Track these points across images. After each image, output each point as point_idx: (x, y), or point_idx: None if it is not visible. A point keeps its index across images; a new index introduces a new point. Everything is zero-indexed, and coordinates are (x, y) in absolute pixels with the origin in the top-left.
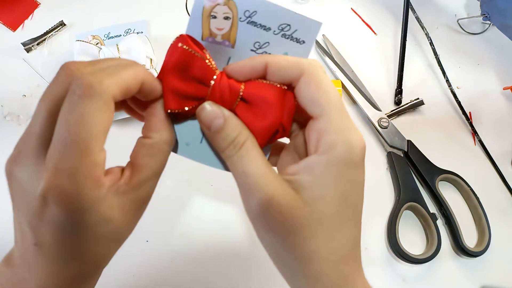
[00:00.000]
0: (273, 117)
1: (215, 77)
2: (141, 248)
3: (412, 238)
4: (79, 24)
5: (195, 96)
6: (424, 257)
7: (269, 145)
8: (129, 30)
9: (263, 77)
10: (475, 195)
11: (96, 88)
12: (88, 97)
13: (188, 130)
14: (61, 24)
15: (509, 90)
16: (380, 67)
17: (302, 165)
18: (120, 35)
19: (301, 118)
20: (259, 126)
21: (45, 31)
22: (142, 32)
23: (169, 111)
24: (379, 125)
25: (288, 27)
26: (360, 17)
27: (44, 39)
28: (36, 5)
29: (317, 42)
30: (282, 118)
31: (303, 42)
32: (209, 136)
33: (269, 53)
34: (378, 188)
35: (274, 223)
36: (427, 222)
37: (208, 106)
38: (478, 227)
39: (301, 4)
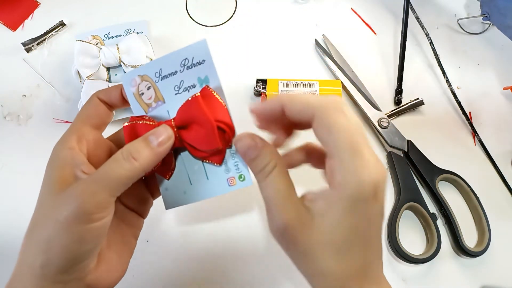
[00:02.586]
0: (206, 122)
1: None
2: (141, 248)
3: (412, 238)
4: (79, 24)
5: None
6: (424, 257)
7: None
8: (129, 30)
9: (283, 115)
10: (475, 195)
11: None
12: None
13: (178, 181)
14: (61, 24)
15: (509, 90)
16: (380, 67)
17: (319, 194)
18: (120, 35)
19: (302, 127)
20: (203, 137)
21: (45, 31)
22: (142, 32)
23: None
24: (379, 125)
25: (186, 60)
26: (360, 17)
27: (44, 39)
28: (36, 5)
29: (317, 42)
30: (216, 118)
31: (203, 61)
32: (246, 162)
33: (188, 86)
34: None
35: (289, 244)
36: (427, 222)
37: (243, 138)
38: (478, 227)
39: (301, 4)
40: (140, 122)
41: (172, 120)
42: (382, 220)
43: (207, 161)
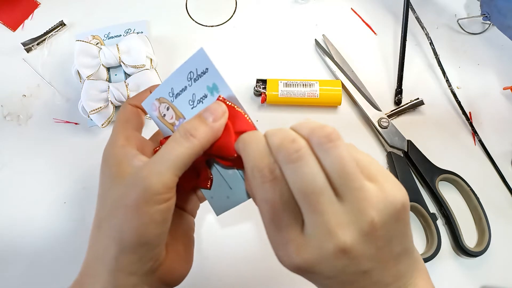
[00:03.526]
0: (225, 133)
1: None
2: None
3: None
4: (79, 24)
5: (194, 163)
6: (424, 257)
7: None
8: (129, 30)
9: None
10: (475, 195)
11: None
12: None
13: (219, 188)
14: (61, 24)
15: (509, 90)
16: (380, 67)
17: None
18: (120, 35)
19: None
20: (222, 146)
21: (45, 31)
22: (142, 32)
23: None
24: (379, 125)
25: (191, 73)
26: (360, 17)
27: (44, 39)
28: (36, 5)
29: (317, 42)
30: (234, 127)
31: (207, 69)
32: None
33: (200, 97)
34: None
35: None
36: (427, 222)
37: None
38: (478, 227)
39: (301, 4)
40: None
41: None
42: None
43: (235, 167)
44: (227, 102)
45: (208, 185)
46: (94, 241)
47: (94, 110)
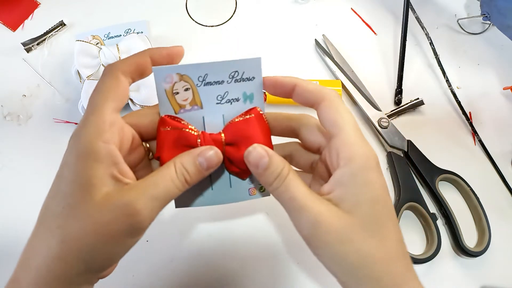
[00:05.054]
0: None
1: (199, 139)
2: (141, 248)
3: (412, 238)
4: (79, 24)
5: None
6: (424, 257)
7: None
8: (129, 30)
9: (290, 95)
10: (475, 195)
11: (108, 68)
12: (103, 76)
13: (198, 184)
14: (61, 24)
15: (509, 90)
16: (380, 67)
17: (332, 182)
18: (120, 35)
19: (312, 150)
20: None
21: (45, 31)
22: (142, 32)
23: None
24: (379, 125)
25: (236, 73)
26: (360, 17)
27: (44, 39)
28: (36, 5)
29: (317, 42)
30: (264, 143)
31: (253, 78)
32: (257, 174)
33: (232, 99)
34: None
35: (326, 237)
36: (427, 222)
37: (253, 149)
38: (478, 227)
39: (301, 4)
40: (186, 130)
41: (223, 135)
42: (389, 193)
43: (235, 175)
44: (264, 116)
45: None
46: (42, 242)
47: None
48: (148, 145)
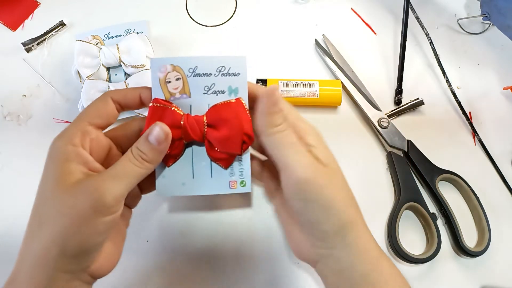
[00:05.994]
0: (235, 129)
1: (182, 121)
2: (141, 248)
3: (412, 238)
4: (79, 24)
5: (173, 138)
6: (424, 257)
7: (248, 152)
8: (129, 30)
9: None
10: (475, 195)
11: (104, 93)
12: (97, 98)
13: (180, 171)
14: (61, 24)
15: (509, 90)
16: (380, 67)
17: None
18: (120, 35)
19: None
20: (228, 140)
21: (45, 31)
22: (142, 32)
23: None
24: (379, 125)
25: (223, 67)
26: (360, 17)
27: (44, 39)
28: (36, 5)
29: (317, 42)
30: (243, 128)
31: (238, 74)
32: (269, 108)
33: (218, 90)
34: (378, 188)
35: (310, 196)
36: (427, 222)
37: (271, 86)
38: (478, 227)
39: (301, 4)
40: (172, 108)
41: (205, 117)
42: None
43: (217, 162)
44: (245, 106)
45: (169, 164)
46: (32, 239)
47: None
48: None
